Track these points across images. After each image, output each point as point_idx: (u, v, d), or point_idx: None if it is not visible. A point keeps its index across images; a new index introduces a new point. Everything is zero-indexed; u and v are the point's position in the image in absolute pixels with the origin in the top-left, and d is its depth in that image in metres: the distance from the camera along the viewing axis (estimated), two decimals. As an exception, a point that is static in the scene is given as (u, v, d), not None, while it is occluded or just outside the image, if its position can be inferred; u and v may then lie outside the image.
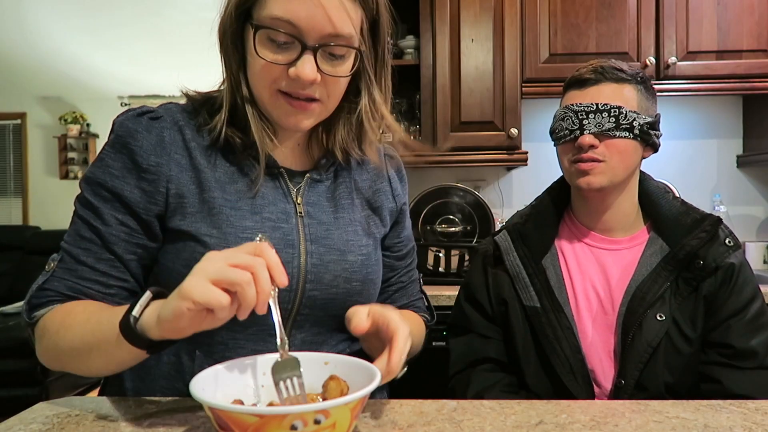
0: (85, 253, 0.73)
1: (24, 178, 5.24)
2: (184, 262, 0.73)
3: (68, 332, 0.68)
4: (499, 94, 2.18)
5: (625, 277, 1.04)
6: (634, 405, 0.72)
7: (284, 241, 0.77)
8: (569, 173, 1.07)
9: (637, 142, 1.03)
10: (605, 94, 1.03)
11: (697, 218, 1.04)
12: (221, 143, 0.77)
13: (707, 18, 2.13)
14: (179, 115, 0.77)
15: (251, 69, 0.74)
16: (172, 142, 0.75)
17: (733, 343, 0.98)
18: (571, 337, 1.03)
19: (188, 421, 0.67)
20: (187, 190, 0.75)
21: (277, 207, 0.78)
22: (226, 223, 0.74)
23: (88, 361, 0.69)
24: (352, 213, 0.84)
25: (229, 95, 0.76)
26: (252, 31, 0.70)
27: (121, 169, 0.74)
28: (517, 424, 0.66)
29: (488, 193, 2.54)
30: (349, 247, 0.81)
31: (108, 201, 0.74)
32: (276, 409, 0.53)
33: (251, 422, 0.50)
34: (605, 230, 1.09)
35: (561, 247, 1.12)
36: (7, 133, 5.26)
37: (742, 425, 0.66)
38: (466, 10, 2.18)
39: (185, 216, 0.74)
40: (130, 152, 0.74)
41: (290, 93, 0.72)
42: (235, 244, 0.64)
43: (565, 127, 1.05)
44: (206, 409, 0.54)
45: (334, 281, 0.79)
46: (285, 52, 0.70)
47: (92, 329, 0.66)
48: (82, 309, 0.70)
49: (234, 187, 0.77)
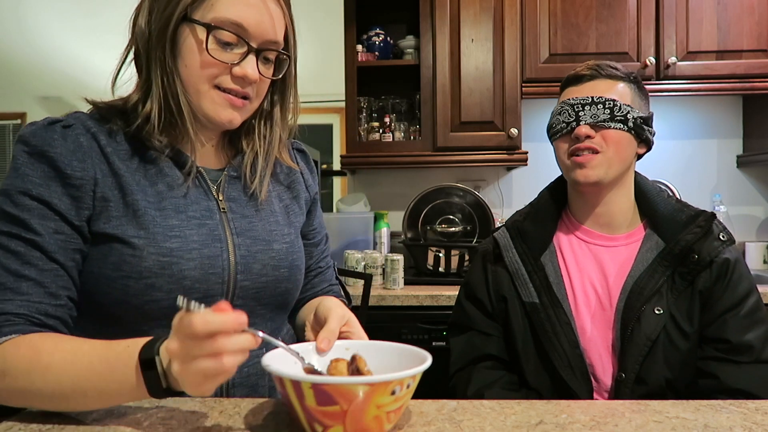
0: (25, 268, 0.69)
1: (24, 178, 5.24)
2: (112, 266, 0.73)
3: (47, 375, 0.64)
4: (499, 94, 2.18)
5: (623, 273, 1.06)
6: (634, 405, 0.72)
7: (211, 236, 0.79)
8: (566, 167, 1.10)
9: (632, 135, 1.06)
10: (600, 88, 1.07)
11: (691, 214, 1.06)
12: (136, 147, 0.78)
13: (707, 18, 2.13)
14: (89, 122, 0.77)
15: (189, 67, 0.76)
16: (89, 147, 0.75)
17: (729, 337, 0.99)
18: (569, 333, 1.04)
19: (188, 422, 0.67)
20: (110, 194, 0.75)
21: (200, 205, 0.80)
22: (153, 224, 0.75)
23: (75, 403, 0.65)
24: (271, 205, 0.89)
25: (160, 96, 0.76)
26: (193, 31, 0.75)
27: (43, 178, 0.71)
28: (517, 424, 0.66)
29: (488, 193, 2.54)
30: (273, 236, 0.85)
31: (34, 210, 0.71)
32: (383, 377, 0.57)
33: (353, 390, 0.56)
34: (602, 227, 1.11)
35: (559, 244, 1.13)
36: (7, 133, 5.26)
37: (742, 425, 0.66)
38: (466, 10, 2.18)
39: (110, 219, 0.74)
40: (49, 160, 0.72)
41: (230, 90, 0.77)
42: (163, 243, 0.73)
43: (562, 120, 1.08)
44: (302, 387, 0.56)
45: (263, 270, 0.83)
46: (230, 52, 0.76)
47: (86, 375, 0.63)
48: (54, 347, 0.65)
49: (155, 189, 0.78)
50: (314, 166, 1.03)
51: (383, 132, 2.34)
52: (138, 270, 0.73)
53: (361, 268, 2.08)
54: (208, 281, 0.77)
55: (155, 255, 0.73)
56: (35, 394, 0.65)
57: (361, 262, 2.09)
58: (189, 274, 0.75)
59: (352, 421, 0.57)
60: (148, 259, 0.73)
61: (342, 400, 0.56)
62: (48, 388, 0.64)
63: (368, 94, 2.39)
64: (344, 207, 2.44)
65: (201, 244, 0.77)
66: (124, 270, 0.73)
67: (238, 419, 0.67)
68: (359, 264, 2.09)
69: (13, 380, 0.65)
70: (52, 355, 0.64)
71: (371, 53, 2.32)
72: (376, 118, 2.39)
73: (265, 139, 0.87)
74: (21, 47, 4.56)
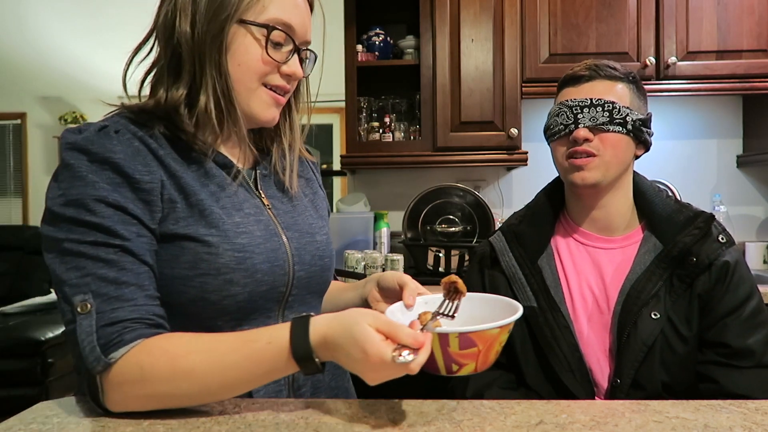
0: (122, 274, 0.69)
1: (24, 178, 5.23)
2: (187, 265, 0.74)
3: (192, 379, 0.66)
4: (499, 94, 2.18)
5: (620, 276, 1.05)
6: (634, 405, 0.72)
7: (268, 231, 0.81)
8: (564, 169, 1.09)
9: (630, 137, 1.05)
10: (599, 90, 1.05)
11: (690, 216, 1.05)
12: (180, 150, 0.78)
13: (707, 18, 2.13)
14: (132, 126, 0.76)
15: (243, 65, 0.78)
16: (145, 151, 0.75)
17: (730, 342, 0.98)
18: (568, 336, 1.03)
19: (188, 422, 0.67)
20: (175, 196, 0.75)
21: (249, 202, 0.82)
22: (221, 221, 0.76)
23: (220, 397, 0.70)
24: (302, 199, 0.92)
25: (212, 94, 0.76)
26: (249, 32, 0.77)
27: (112, 185, 0.70)
28: (517, 424, 0.66)
29: (488, 193, 2.54)
30: (314, 229, 0.90)
31: (114, 216, 0.70)
32: (510, 320, 0.70)
33: (494, 333, 0.69)
34: (600, 229, 1.10)
35: (557, 247, 1.12)
36: (7, 133, 5.26)
37: (742, 425, 0.66)
38: (466, 10, 2.18)
39: (178, 220, 0.74)
40: (114, 166, 0.71)
41: (276, 87, 0.81)
42: (234, 239, 0.76)
43: (560, 122, 1.07)
44: (448, 337, 0.67)
45: (312, 260, 0.87)
46: (280, 51, 0.80)
47: (233, 374, 0.67)
48: (186, 349, 0.68)
49: (208, 190, 0.78)
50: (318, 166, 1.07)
51: (383, 132, 2.34)
52: (216, 267, 0.74)
53: (361, 268, 2.08)
54: (274, 273, 0.80)
55: (230, 251, 0.75)
56: (179, 397, 0.68)
57: (361, 262, 2.09)
58: (260, 267, 0.77)
59: (482, 359, 0.70)
60: (224, 256, 0.74)
61: (480, 343, 0.68)
62: (194, 389, 0.67)
63: (368, 94, 2.39)
64: (344, 207, 2.44)
65: (264, 239, 0.79)
66: (201, 268, 0.74)
67: (238, 419, 0.67)
68: (359, 264, 2.09)
69: (153, 387, 0.67)
70: (190, 359, 0.67)
71: (371, 53, 2.32)
72: (376, 118, 2.38)
73: (291, 133, 0.91)
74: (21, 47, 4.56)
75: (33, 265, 4.41)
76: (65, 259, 0.68)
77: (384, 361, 0.61)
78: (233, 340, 0.69)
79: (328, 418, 0.68)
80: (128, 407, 0.68)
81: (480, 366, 0.70)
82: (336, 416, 0.68)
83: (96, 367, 0.65)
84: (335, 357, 0.66)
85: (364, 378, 0.65)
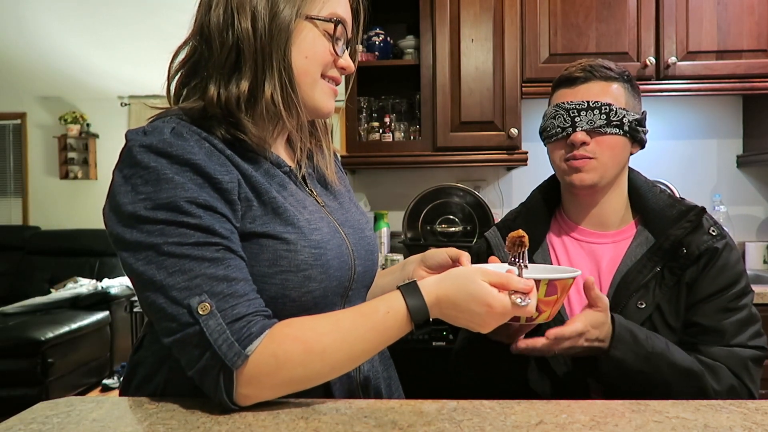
0: (231, 270, 0.69)
1: (24, 178, 5.23)
2: (267, 263, 0.74)
3: (325, 359, 0.70)
4: (499, 94, 2.18)
5: (612, 268, 1.07)
6: (634, 405, 0.72)
7: (330, 227, 0.82)
8: (561, 170, 1.09)
9: (627, 138, 1.06)
10: (594, 91, 1.06)
11: (682, 210, 1.06)
12: (239, 151, 0.78)
13: (707, 18, 2.13)
14: (194, 128, 0.76)
15: (310, 58, 0.79)
16: (216, 152, 0.74)
17: (701, 321, 0.99)
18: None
19: (188, 421, 0.67)
20: (250, 195, 0.75)
21: (308, 200, 0.83)
22: (295, 218, 0.77)
23: (349, 368, 0.75)
24: (343, 197, 0.93)
25: (276, 86, 0.76)
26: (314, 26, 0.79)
27: (198, 185, 0.70)
28: (517, 424, 0.66)
29: (488, 193, 2.54)
30: (362, 224, 0.91)
31: (208, 216, 0.69)
32: (577, 272, 0.81)
33: (569, 283, 0.80)
34: (595, 225, 1.11)
35: (552, 243, 1.14)
36: (7, 133, 5.26)
37: (742, 425, 0.66)
38: (466, 10, 2.18)
39: (254, 219, 0.74)
40: (195, 168, 0.70)
41: (333, 78, 0.84)
42: (310, 236, 0.77)
43: (557, 125, 1.07)
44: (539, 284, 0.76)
45: (366, 255, 0.89)
46: (338, 45, 0.82)
47: (361, 346, 0.72)
48: (314, 332, 0.71)
49: (274, 188, 0.79)
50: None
51: (383, 132, 2.34)
52: (296, 263, 0.75)
53: (361, 268, 2.08)
54: (342, 269, 0.81)
55: (308, 248, 0.76)
56: (311, 379, 0.72)
57: (361, 262, 2.09)
58: (333, 263, 0.79)
59: (555, 308, 0.80)
60: (302, 252, 0.75)
61: (560, 291, 0.78)
62: (326, 369, 0.71)
63: (368, 94, 2.39)
64: (344, 207, 2.44)
65: (330, 235, 0.80)
66: (282, 265, 0.74)
67: (238, 419, 0.67)
68: (359, 264, 2.08)
69: (288, 373, 0.69)
70: (321, 341, 0.70)
71: (371, 53, 2.32)
72: (376, 118, 2.38)
73: (326, 129, 0.94)
74: (21, 47, 4.56)
75: (33, 265, 4.42)
76: (165, 263, 0.67)
77: (506, 309, 0.71)
78: (353, 316, 0.73)
79: (328, 418, 0.68)
80: (261, 398, 0.70)
81: (551, 315, 0.79)
82: (336, 416, 0.69)
83: (237, 362, 0.66)
84: (445, 314, 0.74)
85: (481, 328, 0.74)
